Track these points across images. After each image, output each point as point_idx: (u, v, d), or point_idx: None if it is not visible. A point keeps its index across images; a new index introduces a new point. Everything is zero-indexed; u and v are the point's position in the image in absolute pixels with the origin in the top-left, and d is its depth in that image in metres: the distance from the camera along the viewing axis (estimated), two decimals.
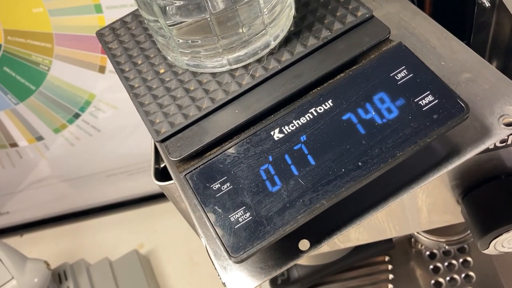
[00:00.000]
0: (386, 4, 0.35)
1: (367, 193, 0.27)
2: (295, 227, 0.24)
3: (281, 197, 0.25)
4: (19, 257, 0.61)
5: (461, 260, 0.59)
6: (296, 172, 0.25)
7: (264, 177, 0.25)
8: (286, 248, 0.26)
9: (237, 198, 0.25)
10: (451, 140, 0.28)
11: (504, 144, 0.32)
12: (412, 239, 0.61)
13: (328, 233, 0.26)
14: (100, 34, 0.34)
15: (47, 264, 0.63)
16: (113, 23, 0.35)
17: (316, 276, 0.57)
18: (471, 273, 0.58)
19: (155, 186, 0.35)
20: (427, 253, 0.60)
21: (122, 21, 0.35)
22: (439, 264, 0.59)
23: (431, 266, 0.59)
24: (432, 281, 0.58)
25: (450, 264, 0.59)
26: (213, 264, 0.26)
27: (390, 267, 0.60)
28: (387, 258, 0.61)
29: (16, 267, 0.59)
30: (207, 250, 0.26)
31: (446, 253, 0.60)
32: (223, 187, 0.25)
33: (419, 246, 0.61)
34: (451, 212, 0.39)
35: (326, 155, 0.25)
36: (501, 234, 0.34)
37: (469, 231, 0.54)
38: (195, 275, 0.74)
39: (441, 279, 0.58)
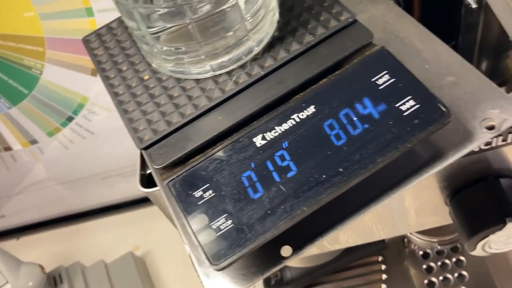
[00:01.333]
0: (371, 7, 0.35)
1: (349, 198, 0.27)
2: (276, 234, 0.24)
3: (262, 204, 0.25)
4: (14, 261, 0.62)
5: (454, 259, 0.59)
6: (277, 179, 0.25)
7: (246, 184, 0.25)
8: (269, 255, 0.26)
9: (219, 205, 0.25)
10: (434, 144, 0.28)
11: (489, 146, 0.32)
12: (405, 239, 0.61)
13: (310, 239, 0.26)
14: (86, 41, 0.34)
15: (42, 268, 0.63)
16: (99, 29, 0.35)
17: (309, 277, 0.57)
18: (464, 273, 0.58)
19: None
20: (421, 253, 0.60)
21: (108, 27, 0.35)
22: (432, 264, 0.59)
23: (425, 266, 0.59)
24: (426, 281, 0.58)
25: (443, 263, 0.59)
26: (196, 271, 0.26)
27: (383, 267, 0.60)
28: (380, 258, 0.61)
29: (10, 271, 0.59)
30: (190, 257, 0.26)
31: (439, 253, 0.60)
32: (205, 195, 0.25)
33: (412, 246, 0.61)
34: (440, 214, 0.39)
35: (308, 162, 0.25)
36: (487, 236, 0.34)
37: None
38: (190, 277, 0.74)
39: (434, 279, 0.58)
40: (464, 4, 0.39)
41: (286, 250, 0.26)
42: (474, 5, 0.38)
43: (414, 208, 0.38)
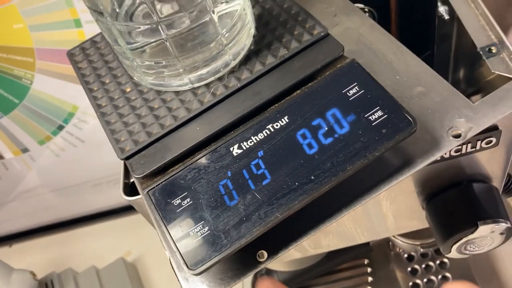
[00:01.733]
0: (346, 20, 0.36)
1: (322, 205, 0.28)
2: (250, 240, 0.25)
3: (238, 211, 0.26)
4: (5, 268, 0.62)
5: (438, 261, 0.60)
6: (253, 187, 0.26)
7: (223, 192, 0.26)
8: (245, 259, 0.27)
9: (197, 213, 0.26)
10: (403, 152, 0.29)
11: (460, 153, 0.33)
12: (390, 243, 0.62)
13: (285, 244, 0.27)
14: (70, 54, 0.36)
15: (33, 275, 0.64)
16: (84, 43, 0.36)
17: (297, 281, 0.58)
18: (448, 274, 0.59)
19: None
20: (405, 255, 0.62)
21: (92, 41, 0.36)
22: (417, 266, 0.61)
23: (409, 268, 0.61)
24: (410, 283, 0.60)
25: (427, 265, 0.60)
26: (176, 276, 0.27)
27: (369, 270, 0.62)
28: (366, 261, 0.62)
29: (1, 278, 0.60)
30: (170, 262, 0.28)
31: (423, 255, 0.61)
32: (184, 203, 0.26)
33: (397, 249, 0.62)
34: (417, 218, 0.40)
35: (281, 170, 0.26)
36: (461, 239, 0.36)
37: None
38: None
39: (418, 281, 0.60)
40: (438, 16, 0.40)
41: (261, 255, 0.27)
42: (446, 17, 0.39)
43: (392, 213, 0.40)
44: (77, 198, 0.83)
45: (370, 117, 0.27)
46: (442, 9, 0.39)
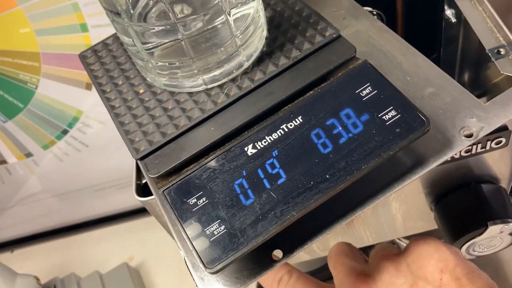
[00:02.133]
0: (356, 23, 0.37)
1: (337, 204, 0.28)
2: (267, 238, 0.25)
3: (254, 210, 0.26)
4: (9, 273, 0.62)
5: None
6: (268, 186, 0.27)
7: (238, 191, 0.27)
8: (260, 258, 0.28)
9: (213, 212, 0.26)
10: (415, 152, 0.29)
11: (470, 153, 0.34)
12: (395, 245, 0.62)
13: (300, 243, 0.27)
14: (82, 56, 0.36)
15: (37, 279, 0.63)
16: (95, 45, 0.36)
17: None
18: None
19: None
20: None
21: (104, 43, 0.36)
22: None
23: None
24: None
25: None
26: (191, 275, 0.27)
27: None
28: None
29: (5, 282, 0.60)
30: (185, 262, 0.28)
31: None
32: (199, 202, 0.27)
33: None
34: (425, 219, 0.41)
35: (296, 169, 0.27)
36: (471, 239, 0.36)
37: None
38: (185, 286, 0.75)
39: None
40: (444, 19, 0.41)
41: (277, 254, 0.27)
42: (453, 19, 0.40)
43: (401, 214, 0.40)
44: (80, 203, 0.83)
45: (384, 117, 0.27)
46: (449, 12, 0.40)
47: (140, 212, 0.83)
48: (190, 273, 0.27)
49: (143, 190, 0.36)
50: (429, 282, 0.29)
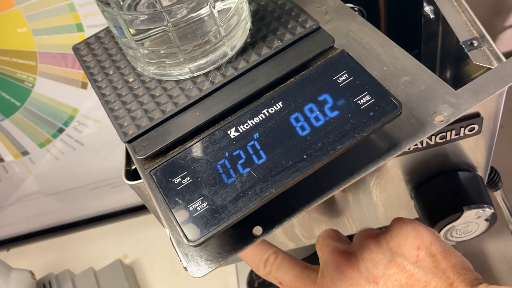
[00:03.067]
0: (337, 17, 0.38)
1: (314, 184, 0.30)
2: (247, 214, 0.27)
3: (235, 188, 0.27)
4: (3, 267, 0.63)
5: None
6: (249, 166, 0.28)
7: (221, 170, 0.28)
8: (241, 235, 0.29)
9: (196, 190, 0.28)
10: (390, 136, 0.31)
11: (444, 140, 0.35)
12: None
13: (279, 220, 0.29)
14: (76, 49, 0.37)
15: (32, 274, 0.64)
16: (88, 38, 0.38)
17: None
18: None
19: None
20: None
21: (96, 36, 0.38)
22: None
23: None
24: None
25: None
26: (176, 251, 0.29)
27: None
28: None
29: (0, 277, 0.61)
30: (170, 239, 0.29)
31: None
32: (184, 181, 0.28)
33: None
34: (406, 208, 0.42)
35: (276, 150, 0.28)
36: (448, 224, 0.37)
37: None
38: (178, 284, 0.76)
39: None
40: (424, 15, 0.43)
41: (257, 230, 0.29)
42: (432, 16, 0.42)
43: (382, 202, 0.41)
44: (75, 201, 0.84)
45: (359, 101, 0.29)
46: (427, 9, 0.42)
47: (135, 210, 0.85)
48: (175, 249, 0.29)
49: (132, 175, 0.37)
50: (406, 258, 0.30)
